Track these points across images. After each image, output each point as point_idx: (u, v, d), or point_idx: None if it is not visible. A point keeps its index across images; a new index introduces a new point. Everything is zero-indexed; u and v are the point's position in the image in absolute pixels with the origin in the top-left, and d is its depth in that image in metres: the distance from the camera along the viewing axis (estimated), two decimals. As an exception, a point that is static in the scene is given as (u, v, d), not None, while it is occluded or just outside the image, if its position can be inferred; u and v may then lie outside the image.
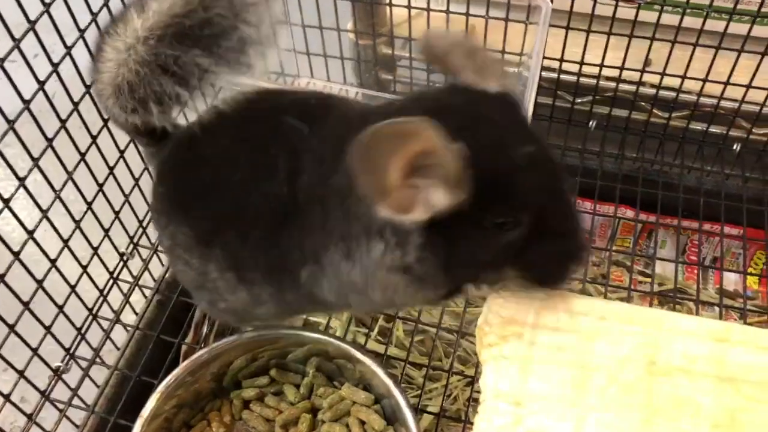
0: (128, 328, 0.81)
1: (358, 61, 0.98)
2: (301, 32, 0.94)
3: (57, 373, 0.73)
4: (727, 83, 0.84)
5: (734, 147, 0.92)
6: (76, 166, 0.70)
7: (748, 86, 0.83)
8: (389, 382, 0.66)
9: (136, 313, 0.83)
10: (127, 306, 0.82)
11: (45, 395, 0.72)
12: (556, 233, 0.50)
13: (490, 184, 0.46)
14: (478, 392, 0.53)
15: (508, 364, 0.50)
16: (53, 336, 0.70)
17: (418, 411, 0.76)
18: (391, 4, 0.90)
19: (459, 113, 0.50)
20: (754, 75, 0.82)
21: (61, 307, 0.71)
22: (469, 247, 0.50)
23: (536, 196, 0.48)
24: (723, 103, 0.87)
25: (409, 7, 0.88)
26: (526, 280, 0.52)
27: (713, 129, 0.91)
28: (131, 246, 0.82)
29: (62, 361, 0.74)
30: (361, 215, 0.51)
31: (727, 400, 0.48)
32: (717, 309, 0.84)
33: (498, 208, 0.48)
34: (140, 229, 0.83)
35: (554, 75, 0.90)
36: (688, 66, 0.84)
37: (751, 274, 0.95)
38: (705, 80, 0.84)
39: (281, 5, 0.92)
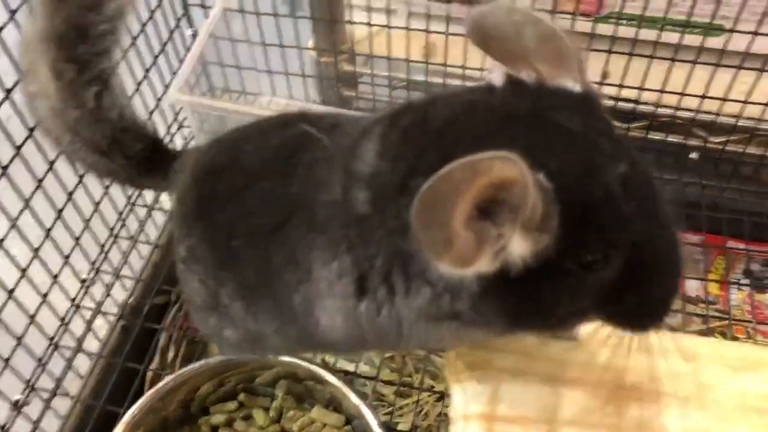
0: (91, 356, 0.79)
1: (320, 78, 0.98)
2: (262, 50, 0.93)
3: (17, 407, 0.71)
4: (683, 94, 0.86)
5: (692, 155, 0.93)
6: (33, 192, 0.68)
7: (703, 96, 0.85)
8: (359, 402, 0.65)
9: (100, 341, 0.81)
10: (90, 333, 0.80)
11: (4, 430, 0.69)
12: (652, 269, 0.41)
13: (579, 218, 0.37)
14: (449, 407, 0.52)
15: (478, 386, 0.50)
16: (12, 368, 0.68)
17: (389, 430, 0.75)
18: (351, 22, 0.90)
19: (526, 124, 0.39)
20: (708, 85, 0.84)
21: (20, 338, 0.69)
22: (546, 293, 0.40)
23: (634, 227, 0.39)
24: (680, 113, 0.89)
25: (369, 24, 0.88)
26: (614, 325, 0.44)
27: (671, 138, 0.93)
28: (93, 271, 0.80)
29: (22, 394, 0.72)
30: (399, 248, 0.41)
31: (694, 422, 0.48)
32: (680, 316, 0.85)
33: (587, 246, 0.38)
34: (102, 255, 0.81)
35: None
36: (645, 77, 0.85)
37: (711, 280, 0.96)
38: (662, 91, 0.86)
39: (240, 24, 0.92)
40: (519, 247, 0.37)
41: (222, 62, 0.95)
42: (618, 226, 0.38)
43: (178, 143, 0.95)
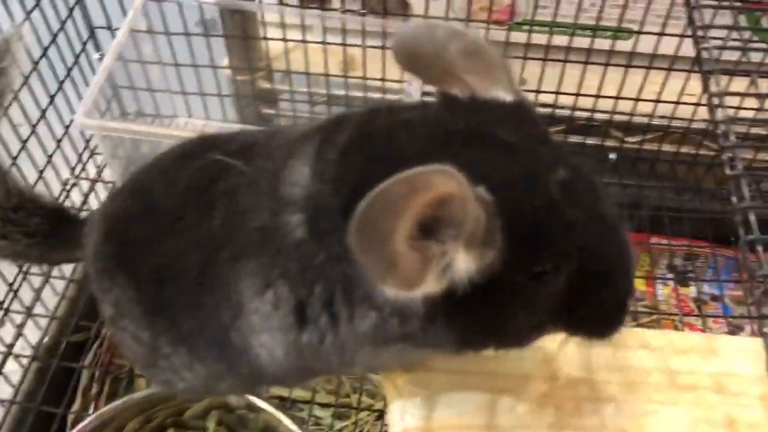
0: (4, 404, 0.74)
1: (237, 97, 0.95)
2: (175, 72, 0.91)
3: None
4: (597, 96, 0.88)
5: (611, 156, 0.95)
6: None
7: (617, 97, 0.87)
8: (295, 428, 0.63)
9: (13, 386, 0.76)
10: (2, 379, 0.75)
11: None
12: (604, 273, 0.39)
13: (523, 230, 0.36)
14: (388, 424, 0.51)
15: (415, 397, 0.49)
16: None
17: (329, 453, 0.73)
18: (266, 38, 0.88)
19: (463, 139, 0.38)
20: (621, 87, 0.86)
21: None
22: (499, 310, 0.38)
23: (580, 233, 0.37)
24: (596, 115, 0.91)
25: (284, 39, 0.86)
26: (574, 335, 0.42)
27: (590, 140, 0.95)
28: (1, 312, 0.75)
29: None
30: (341, 273, 0.39)
31: (630, 405, 0.48)
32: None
33: (535, 257, 0.37)
34: (10, 293, 0.76)
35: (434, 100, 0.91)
36: (560, 82, 0.87)
37: (638, 277, 0.98)
38: (577, 94, 0.88)
39: (151, 45, 0.89)
40: (464, 264, 0.36)
41: (134, 85, 0.91)
42: (564, 234, 0.37)
43: (90, 172, 0.91)
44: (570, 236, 0.37)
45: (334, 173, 0.39)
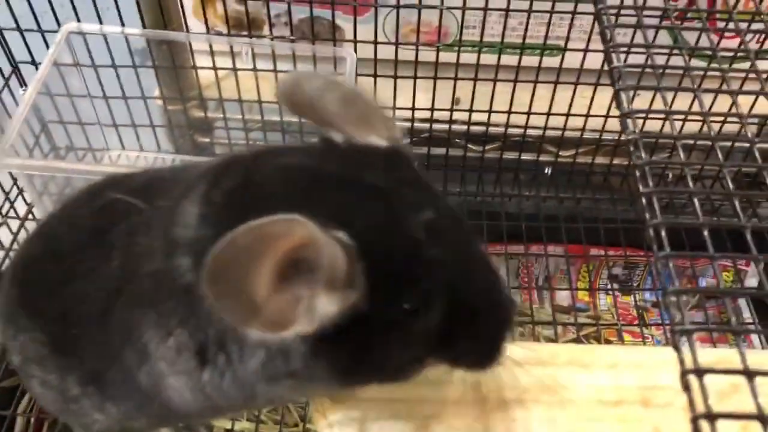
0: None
1: (170, 127, 0.94)
2: (104, 104, 0.89)
3: None
4: (529, 113, 0.89)
5: (546, 171, 0.97)
6: None
7: (548, 113, 0.89)
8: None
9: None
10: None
11: None
12: (475, 308, 0.42)
13: (387, 270, 0.38)
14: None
15: (345, 428, 0.48)
16: None
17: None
18: (195, 67, 0.87)
19: (334, 184, 0.40)
20: (551, 102, 0.87)
21: None
22: (375, 347, 0.40)
23: (446, 271, 0.40)
24: (529, 131, 0.92)
25: (215, 68, 0.86)
26: (455, 367, 0.44)
27: (525, 156, 0.96)
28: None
29: None
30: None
31: (560, 425, 0.48)
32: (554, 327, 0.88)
33: (401, 296, 0.39)
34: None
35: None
36: (492, 100, 0.88)
37: (580, 289, 1.00)
38: (509, 112, 0.89)
39: (78, 78, 0.87)
40: (327, 306, 0.37)
41: (63, 119, 0.89)
42: (427, 272, 0.39)
43: (20, 210, 0.89)
44: (434, 274, 0.39)
45: (217, 217, 0.40)
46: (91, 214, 0.50)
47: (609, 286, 1.00)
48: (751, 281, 0.98)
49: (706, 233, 0.35)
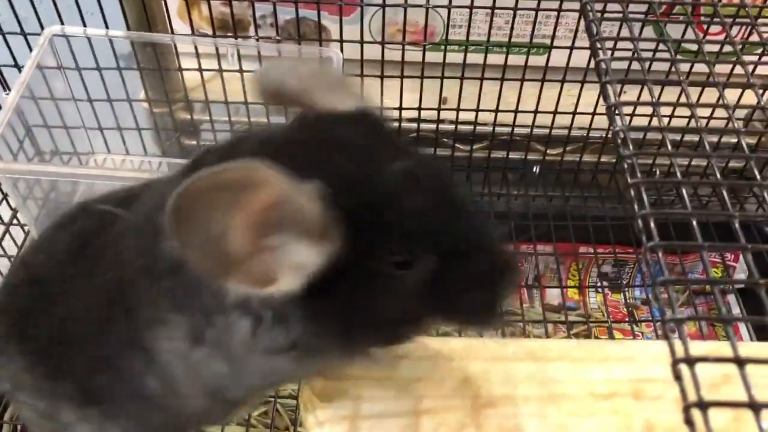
0: None
1: (156, 130, 0.93)
2: (89, 107, 0.88)
3: None
4: (516, 111, 0.89)
5: (534, 169, 0.97)
6: None
7: (536, 111, 0.89)
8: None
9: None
10: None
11: None
12: (467, 257, 0.40)
13: (366, 219, 0.37)
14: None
15: (336, 426, 0.48)
16: None
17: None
18: (180, 69, 0.86)
19: (307, 144, 0.40)
20: (539, 101, 0.87)
21: None
22: (370, 301, 0.39)
23: (429, 219, 0.38)
24: (517, 130, 0.92)
25: (200, 69, 0.85)
26: (454, 324, 0.44)
27: (513, 155, 0.96)
28: None
29: None
30: (205, 286, 0.40)
31: (551, 419, 0.48)
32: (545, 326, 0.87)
33: (385, 245, 0.38)
34: None
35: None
36: (479, 99, 0.87)
37: (570, 287, 1.00)
38: (496, 111, 0.89)
39: (62, 81, 0.86)
40: (306, 257, 0.36)
41: (47, 123, 0.88)
42: (409, 220, 0.38)
43: (5, 215, 0.88)
44: (416, 221, 0.38)
45: None
46: (72, 231, 0.50)
47: (599, 284, 1.00)
48: (740, 277, 0.98)
49: (695, 223, 0.35)
